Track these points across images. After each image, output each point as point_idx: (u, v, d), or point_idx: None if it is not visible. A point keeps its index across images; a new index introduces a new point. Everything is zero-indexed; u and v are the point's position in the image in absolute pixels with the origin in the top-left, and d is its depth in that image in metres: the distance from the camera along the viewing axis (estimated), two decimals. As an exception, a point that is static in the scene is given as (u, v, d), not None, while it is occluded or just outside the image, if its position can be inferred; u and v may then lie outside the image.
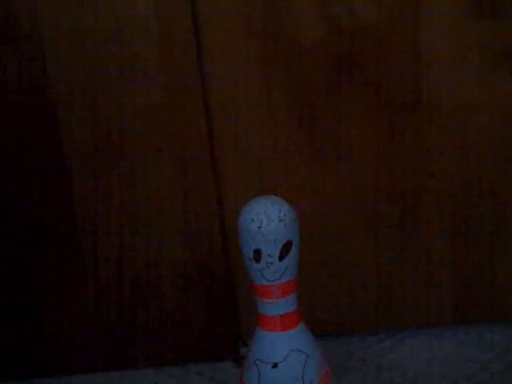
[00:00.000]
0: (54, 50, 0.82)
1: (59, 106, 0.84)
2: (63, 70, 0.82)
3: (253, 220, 0.67)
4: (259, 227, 0.67)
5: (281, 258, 0.68)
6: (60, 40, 0.81)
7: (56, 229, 0.87)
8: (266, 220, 0.67)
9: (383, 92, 0.84)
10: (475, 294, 0.90)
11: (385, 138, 0.85)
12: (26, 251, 0.88)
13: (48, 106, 0.84)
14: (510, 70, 0.82)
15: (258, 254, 0.68)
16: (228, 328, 0.91)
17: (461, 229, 0.88)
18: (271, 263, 0.68)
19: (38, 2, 0.80)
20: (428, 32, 0.81)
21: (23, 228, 0.88)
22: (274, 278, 0.69)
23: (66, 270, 0.89)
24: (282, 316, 0.70)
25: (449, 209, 0.87)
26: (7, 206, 0.87)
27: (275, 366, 0.70)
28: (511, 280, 0.90)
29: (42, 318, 0.90)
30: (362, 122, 0.85)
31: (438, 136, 0.85)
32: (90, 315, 0.90)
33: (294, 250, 0.68)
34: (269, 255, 0.67)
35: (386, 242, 0.89)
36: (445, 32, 0.81)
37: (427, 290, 0.90)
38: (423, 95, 0.84)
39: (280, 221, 0.67)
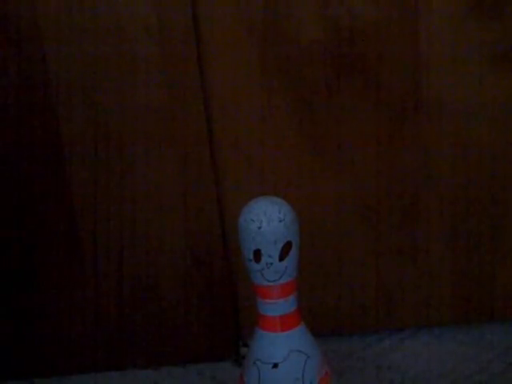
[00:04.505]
0: (54, 50, 0.82)
1: (59, 105, 0.84)
2: (63, 69, 0.82)
3: (253, 220, 0.67)
4: (259, 228, 0.67)
5: (281, 259, 0.68)
6: (60, 40, 0.81)
7: (56, 229, 0.87)
8: (266, 220, 0.67)
9: (383, 92, 0.83)
10: (475, 294, 0.90)
11: (385, 138, 0.85)
12: (25, 251, 0.88)
13: (48, 106, 0.84)
14: (511, 70, 0.82)
15: (257, 255, 0.67)
16: (228, 328, 0.91)
17: (461, 229, 0.88)
18: (271, 264, 0.68)
19: (38, 2, 0.80)
20: (428, 32, 0.81)
21: (23, 228, 0.88)
22: (273, 278, 0.68)
23: (66, 270, 0.89)
24: (282, 316, 0.70)
25: (449, 209, 0.87)
26: (7, 206, 0.87)
27: (275, 366, 0.70)
28: (511, 280, 0.90)
29: (42, 317, 0.90)
30: (362, 122, 0.85)
31: (438, 136, 0.85)
32: (90, 315, 0.90)
33: (294, 251, 0.68)
34: (269, 256, 0.67)
35: (386, 242, 0.89)
36: (445, 32, 0.81)
37: (427, 290, 0.90)
38: (423, 95, 0.83)
39: (280, 221, 0.67)
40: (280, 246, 0.67)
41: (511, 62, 0.82)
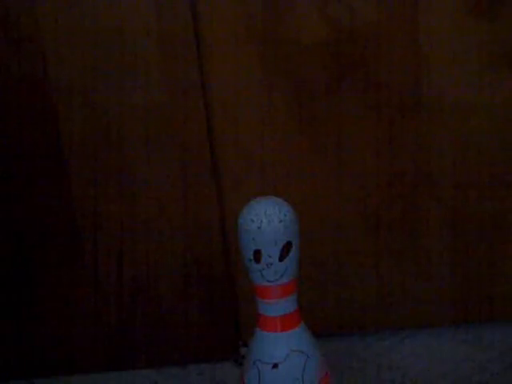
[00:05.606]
0: (54, 50, 0.82)
1: (59, 106, 0.84)
2: (63, 69, 0.83)
3: (253, 221, 0.67)
4: (259, 228, 0.67)
5: (281, 259, 0.68)
6: (60, 40, 0.81)
7: (56, 229, 0.87)
8: (266, 221, 0.67)
9: (383, 92, 0.84)
10: (475, 294, 0.90)
11: (385, 138, 0.85)
12: (26, 251, 0.88)
13: (48, 106, 0.84)
14: (509, 68, 0.82)
15: (257, 255, 0.67)
16: (228, 328, 0.91)
17: (461, 228, 0.88)
18: (271, 264, 0.68)
19: (38, 2, 0.80)
20: (428, 32, 0.81)
21: (23, 228, 0.88)
22: (273, 278, 0.68)
23: (66, 269, 0.89)
24: (282, 316, 0.70)
25: (449, 209, 0.87)
26: (7, 206, 0.87)
27: (275, 366, 0.70)
28: (511, 280, 0.90)
29: (42, 317, 0.90)
30: (362, 122, 0.85)
31: (438, 136, 0.85)
32: (90, 315, 0.90)
33: (294, 251, 0.68)
34: (269, 256, 0.67)
35: (386, 242, 0.89)
36: (445, 32, 0.81)
37: (427, 290, 0.90)
38: (423, 95, 0.84)
39: (280, 221, 0.67)
40: (280, 246, 0.67)
41: (510, 60, 0.82)
